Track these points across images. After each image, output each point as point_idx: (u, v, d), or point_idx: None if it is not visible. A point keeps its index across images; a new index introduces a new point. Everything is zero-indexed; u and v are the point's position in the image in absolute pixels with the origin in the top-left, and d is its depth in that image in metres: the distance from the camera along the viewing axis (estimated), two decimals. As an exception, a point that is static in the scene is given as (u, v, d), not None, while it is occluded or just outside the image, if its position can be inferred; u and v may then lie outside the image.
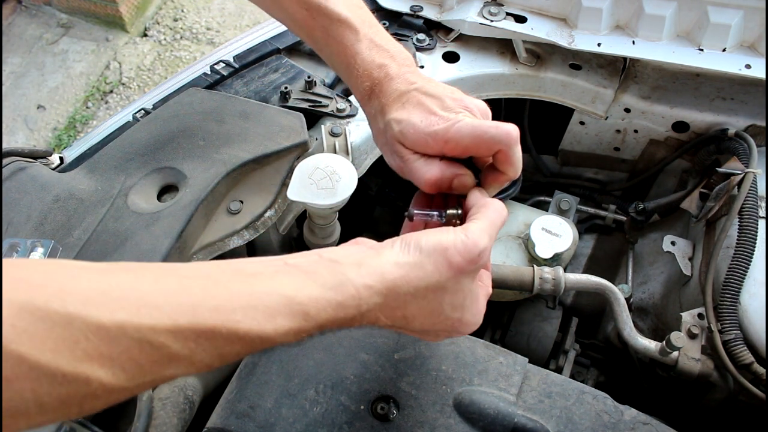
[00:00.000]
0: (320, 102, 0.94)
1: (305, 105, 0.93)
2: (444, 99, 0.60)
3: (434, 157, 0.60)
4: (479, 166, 0.62)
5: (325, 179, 0.80)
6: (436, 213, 0.60)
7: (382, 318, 0.48)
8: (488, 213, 0.53)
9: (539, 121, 1.22)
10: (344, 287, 0.45)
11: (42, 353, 0.34)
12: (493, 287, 0.82)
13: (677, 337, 0.80)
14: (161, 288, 0.40)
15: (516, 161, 0.58)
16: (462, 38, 1.06)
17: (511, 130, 0.56)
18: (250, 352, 0.44)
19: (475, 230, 0.50)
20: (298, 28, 0.71)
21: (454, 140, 0.57)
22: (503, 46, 1.05)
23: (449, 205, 0.60)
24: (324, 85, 0.97)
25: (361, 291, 0.46)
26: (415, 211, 0.60)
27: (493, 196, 0.62)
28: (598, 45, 0.97)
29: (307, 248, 0.98)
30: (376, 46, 0.64)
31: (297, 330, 0.43)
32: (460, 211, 0.59)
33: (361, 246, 0.50)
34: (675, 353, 0.82)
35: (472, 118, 0.58)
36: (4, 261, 0.36)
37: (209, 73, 1.00)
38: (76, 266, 0.39)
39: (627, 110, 1.07)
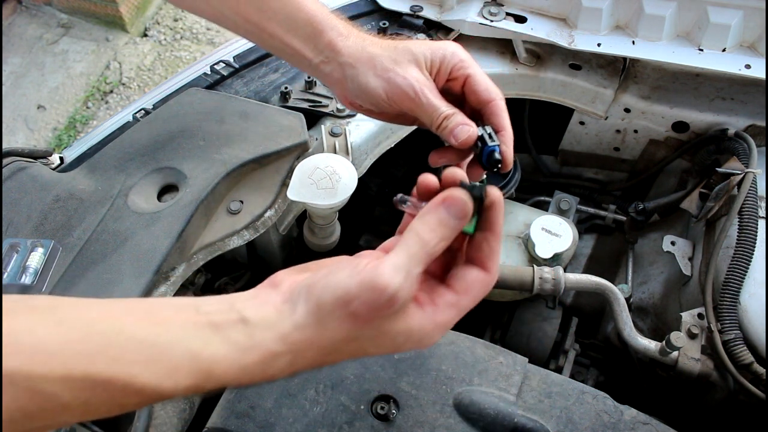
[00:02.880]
0: (320, 102, 0.94)
1: (305, 105, 0.93)
2: None
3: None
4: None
5: (325, 179, 0.80)
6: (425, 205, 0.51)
7: (298, 369, 0.46)
8: (407, 241, 0.45)
9: (539, 121, 1.22)
10: (251, 351, 0.44)
11: None
12: (494, 287, 0.82)
13: (677, 337, 0.80)
14: (61, 333, 0.39)
15: (505, 113, 0.62)
16: (462, 38, 1.06)
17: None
18: (150, 403, 0.43)
19: (387, 270, 0.43)
20: (244, 3, 0.69)
21: (468, 63, 0.63)
22: (503, 46, 1.05)
23: None
24: (324, 85, 0.97)
25: (265, 356, 0.44)
26: (407, 198, 0.52)
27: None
28: (598, 45, 0.97)
29: (307, 248, 0.98)
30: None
31: (196, 387, 0.42)
32: None
33: (274, 297, 0.47)
34: (675, 353, 0.82)
35: None
36: None
37: (209, 73, 1.00)
38: None
39: (627, 110, 1.07)
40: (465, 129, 0.60)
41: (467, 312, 0.50)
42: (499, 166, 0.61)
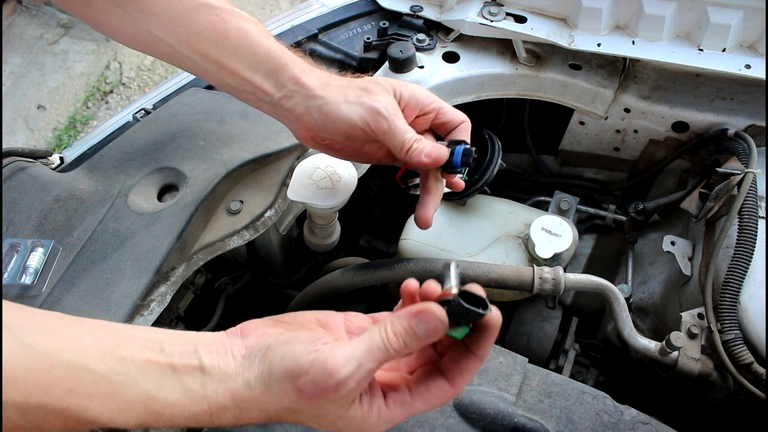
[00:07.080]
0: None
1: (305, 105, 0.93)
2: None
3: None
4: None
5: (325, 179, 0.80)
6: None
7: (243, 422, 0.48)
8: (372, 335, 0.46)
9: (539, 121, 1.22)
10: (201, 401, 0.46)
11: None
12: (493, 287, 0.82)
13: (677, 337, 0.80)
14: (25, 359, 0.41)
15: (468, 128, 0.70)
16: (462, 38, 1.06)
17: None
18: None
19: (341, 357, 0.44)
20: (205, 40, 0.69)
21: (436, 98, 0.69)
22: (503, 46, 1.05)
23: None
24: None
25: (213, 407, 0.47)
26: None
27: (465, 190, 0.76)
28: (598, 45, 0.97)
29: (307, 248, 0.98)
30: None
31: (146, 424, 0.45)
32: None
33: (237, 347, 0.49)
34: (675, 353, 0.82)
35: None
36: None
37: (209, 73, 1.00)
38: None
39: (627, 110, 1.07)
40: (438, 148, 0.66)
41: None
42: (471, 162, 0.68)
